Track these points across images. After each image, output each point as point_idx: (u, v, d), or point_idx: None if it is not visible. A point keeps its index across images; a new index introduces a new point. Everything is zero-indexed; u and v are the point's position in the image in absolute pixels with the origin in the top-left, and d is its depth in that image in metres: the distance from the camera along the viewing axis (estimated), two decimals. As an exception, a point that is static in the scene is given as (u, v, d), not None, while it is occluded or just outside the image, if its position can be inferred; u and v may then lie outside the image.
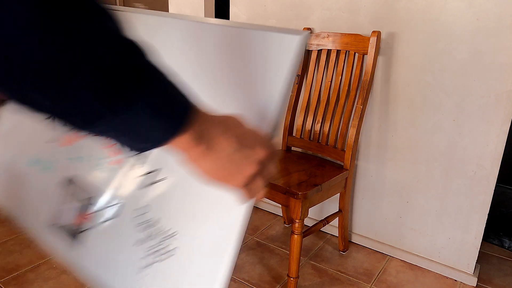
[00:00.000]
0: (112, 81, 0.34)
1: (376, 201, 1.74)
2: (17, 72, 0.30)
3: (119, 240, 0.64)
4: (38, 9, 0.29)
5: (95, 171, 0.70)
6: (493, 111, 1.38)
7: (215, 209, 0.56)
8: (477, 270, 1.61)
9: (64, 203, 0.73)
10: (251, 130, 0.46)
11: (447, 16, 1.40)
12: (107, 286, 0.64)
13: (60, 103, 0.34)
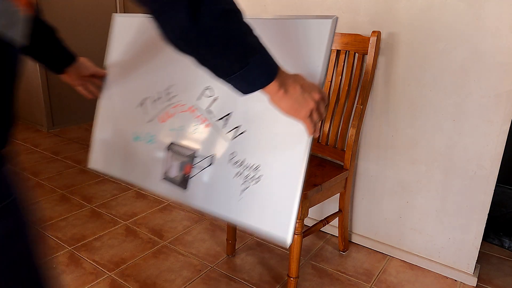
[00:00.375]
0: (245, 51, 0.61)
1: (376, 201, 1.74)
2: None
3: (220, 178, 0.89)
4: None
5: (191, 135, 0.97)
6: (493, 111, 1.38)
7: (284, 147, 0.83)
8: (477, 270, 1.61)
9: (171, 161, 1.00)
10: (309, 82, 0.73)
11: (447, 16, 1.40)
12: (216, 213, 0.89)
13: (215, 62, 0.61)
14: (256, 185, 0.85)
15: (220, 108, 0.94)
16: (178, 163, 0.99)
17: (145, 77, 1.11)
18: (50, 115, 3.43)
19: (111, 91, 1.18)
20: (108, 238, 1.81)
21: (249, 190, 0.85)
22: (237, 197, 0.87)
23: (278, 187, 0.83)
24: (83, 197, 2.21)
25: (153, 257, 1.68)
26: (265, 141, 0.86)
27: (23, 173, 0.66)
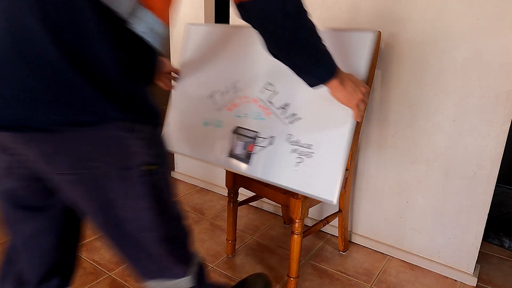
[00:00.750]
0: (318, 55, 0.85)
1: (376, 201, 1.74)
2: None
3: (278, 154, 1.11)
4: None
5: (254, 120, 1.19)
6: (493, 111, 1.38)
7: (332, 129, 1.05)
8: (477, 270, 1.61)
9: (236, 141, 1.22)
10: (357, 78, 0.99)
11: (447, 16, 1.40)
12: (274, 182, 1.10)
13: (296, 62, 0.85)
14: (309, 159, 1.05)
15: (279, 99, 1.16)
16: (243, 143, 1.21)
17: (214, 74, 1.34)
18: (50, 115, 3.43)
19: (184, 86, 1.41)
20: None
21: (303, 164, 1.06)
22: (293, 169, 1.08)
23: (327, 161, 1.04)
24: (83, 197, 2.21)
25: (153, 257, 1.68)
26: (317, 124, 1.08)
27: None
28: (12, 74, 0.57)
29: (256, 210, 2.10)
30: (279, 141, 1.13)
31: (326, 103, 1.06)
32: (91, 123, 0.62)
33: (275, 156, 1.13)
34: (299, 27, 0.80)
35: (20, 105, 0.58)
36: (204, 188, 2.37)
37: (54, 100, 0.58)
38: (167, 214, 0.79)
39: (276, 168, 1.12)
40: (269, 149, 1.14)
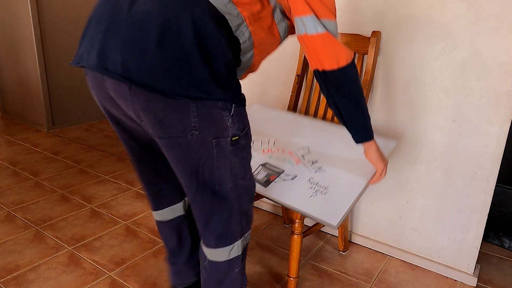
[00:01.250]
0: (368, 117, 1.11)
1: (376, 201, 1.74)
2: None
3: (297, 187, 1.26)
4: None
5: (283, 163, 1.38)
6: (493, 111, 1.38)
7: (348, 180, 1.26)
8: (477, 270, 1.61)
9: (261, 170, 1.37)
10: (382, 153, 1.18)
11: (447, 16, 1.40)
12: (289, 206, 1.22)
13: (354, 117, 1.08)
14: (323, 196, 1.21)
15: (310, 157, 1.37)
16: (266, 172, 1.36)
17: (260, 131, 1.57)
18: (50, 115, 3.43)
19: None
20: (108, 238, 1.81)
21: (317, 197, 1.21)
22: (307, 198, 1.21)
23: (338, 199, 1.21)
24: (83, 197, 2.21)
25: (153, 257, 1.68)
26: (336, 176, 1.28)
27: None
28: (159, 53, 0.81)
29: (256, 210, 2.10)
30: (300, 179, 1.29)
31: (349, 165, 1.30)
32: (201, 99, 0.85)
33: (293, 187, 1.27)
34: (361, 92, 1.05)
35: (157, 74, 0.82)
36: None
37: (181, 77, 0.82)
38: (243, 178, 1.01)
39: (290, 195, 1.25)
40: (289, 182, 1.30)
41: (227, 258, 1.06)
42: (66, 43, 3.40)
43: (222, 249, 1.04)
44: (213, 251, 1.05)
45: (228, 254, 1.06)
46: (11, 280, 1.51)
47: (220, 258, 1.06)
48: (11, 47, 3.48)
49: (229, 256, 1.06)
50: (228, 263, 1.07)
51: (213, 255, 1.06)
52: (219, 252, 1.05)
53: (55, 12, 3.28)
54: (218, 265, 1.07)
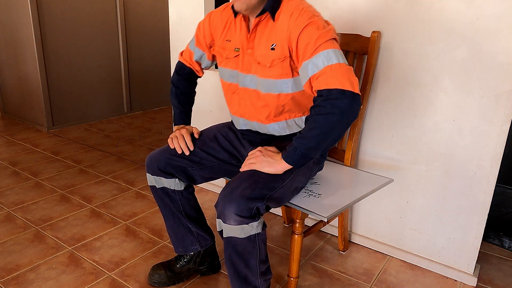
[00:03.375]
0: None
1: (376, 201, 1.74)
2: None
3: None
4: None
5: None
6: (493, 111, 1.38)
7: (341, 191, 1.36)
8: (477, 270, 1.61)
9: None
10: (278, 171, 1.22)
11: (447, 16, 1.40)
12: (289, 204, 1.27)
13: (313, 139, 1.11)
14: (316, 198, 1.29)
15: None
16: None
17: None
18: (50, 115, 3.43)
19: None
20: (108, 238, 1.81)
21: (310, 198, 1.29)
22: (300, 198, 1.29)
23: (331, 200, 1.28)
24: (83, 197, 2.21)
25: (153, 257, 1.68)
26: (330, 189, 1.37)
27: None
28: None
29: (256, 210, 2.10)
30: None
31: (343, 185, 1.41)
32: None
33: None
34: (338, 131, 1.10)
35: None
36: (204, 188, 2.37)
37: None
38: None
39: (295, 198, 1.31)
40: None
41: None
42: (66, 43, 3.40)
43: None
44: None
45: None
46: (11, 280, 1.51)
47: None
48: (11, 47, 3.48)
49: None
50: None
51: None
52: None
53: (55, 12, 3.28)
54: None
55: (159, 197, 1.41)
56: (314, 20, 1.12)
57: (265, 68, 1.21)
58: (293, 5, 1.16)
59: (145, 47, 4.08)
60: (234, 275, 1.20)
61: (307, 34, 1.11)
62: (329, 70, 1.07)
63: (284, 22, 1.16)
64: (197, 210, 1.48)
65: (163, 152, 1.37)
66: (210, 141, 1.42)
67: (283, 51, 1.17)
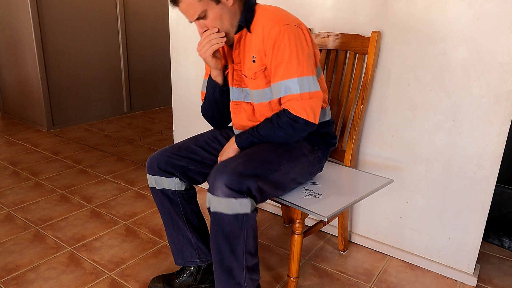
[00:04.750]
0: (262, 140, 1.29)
1: (376, 201, 1.74)
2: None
3: (295, 189, 1.34)
4: None
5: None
6: (493, 111, 1.38)
7: (342, 191, 1.37)
8: (477, 270, 1.61)
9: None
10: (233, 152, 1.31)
11: (447, 16, 1.40)
12: (281, 201, 1.28)
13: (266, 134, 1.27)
14: (316, 198, 1.29)
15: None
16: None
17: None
18: (50, 115, 3.43)
19: None
20: (108, 238, 1.81)
21: (310, 198, 1.29)
22: (300, 198, 1.29)
23: (331, 200, 1.28)
24: (83, 197, 2.21)
25: (153, 257, 1.68)
26: (330, 189, 1.37)
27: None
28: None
29: (256, 210, 2.10)
30: (300, 189, 1.36)
31: (343, 186, 1.42)
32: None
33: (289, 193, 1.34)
34: (283, 137, 1.25)
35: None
36: (204, 188, 2.37)
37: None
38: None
39: (294, 196, 1.31)
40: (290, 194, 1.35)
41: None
42: (66, 43, 3.40)
43: None
44: None
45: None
46: (11, 280, 1.51)
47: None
48: (11, 47, 3.48)
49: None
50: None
51: None
52: None
53: (55, 12, 3.28)
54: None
55: (159, 201, 1.39)
56: (285, 33, 1.16)
57: (251, 80, 1.26)
58: (265, 16, 1.20)
59: (145, 47, 4.08)
60: (219, 264, 1.16)
61: (280, 50, 1.17)
62: (299, 98, 1.18)
63: (258, 33, 1.21)
64: (199, 218, 1.45)
65: (163, 151, 1.37)
66: (211, 141, 1.42)
67: (261, 61, 1.23)
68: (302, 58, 1.17)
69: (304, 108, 1.18)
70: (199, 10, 1.16)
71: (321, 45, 1.66)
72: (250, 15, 1.22)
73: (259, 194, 1.15)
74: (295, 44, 1.17)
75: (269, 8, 1.23)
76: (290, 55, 1.16)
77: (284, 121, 1.20)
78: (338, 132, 1.64)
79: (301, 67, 1.17)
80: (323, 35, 1.65)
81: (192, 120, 2.33)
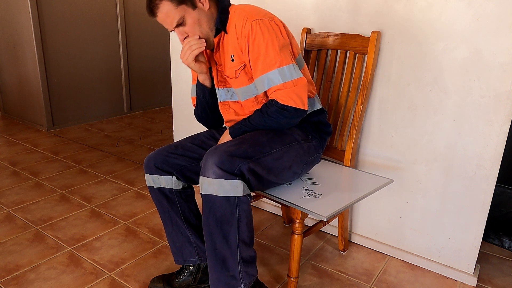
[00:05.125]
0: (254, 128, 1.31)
1: (376, 201, 1.74)
2: None
3: (292, 189, 1.33)
4: None
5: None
6: (493, 111, 1.38)
7: (335, 191, 1.36)
8: (477, 270, 1.61)
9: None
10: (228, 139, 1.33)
11: (447, 16, 1.40)
12: (281, 200, 1.28)
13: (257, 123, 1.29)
14: (315, 198, 1.29)
15: (307, 175, 1.47)
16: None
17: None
18: (50, 115, 3.43)
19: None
20: (108, 238, 1.81)
21: (309, 198, 1.29)
22: (299, 198, 1.29)
23: (331, 200, 1.28)
24: (83, 197, 2.21)
25: (153, 257, 1.68)
26: (330, 189, 1.37)
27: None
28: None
29: (256, 210, 2.10)
30: (294, 187, 1.36)
31: (342, 185, 1.42)
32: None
33: (287, 190, 1.34)
34: (274, 125, 1.26)
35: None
36: (204, 188, 2.37)
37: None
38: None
39: (284, 194, 1.31)
40: (284, 187, 1.36)
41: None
42: (66, 43, 3.40)
43: None
44: None
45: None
46: (11, 280, 1.51)
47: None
48: (11, 47, 3.48)
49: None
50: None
51: None
52: None
53: (55, 12, 3.28)
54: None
55: (157, 200, 1.39)
56: (257, 27, 1.18)
57: (234, 79, 1.28)
58: (237, 15, 1.23)
59: (145, 47, 4.08)
60: (212, 253, 1.15)
61: (256, 45, 1.19)
62: (283, 87, 1.18)
63: (232, 32, 1.23)
64: (197, 217, 1.45)
65: (160, 150, 1.37)
66: (208, 139, 1.43)
67: (239, 58, 1.25)
68: (278, 48, 1.19)
69: (290, 97, 1.19)
70: (177, 17, 1.18)
71: (321, 45, 1.66)
72: (224, 17, 1.24)
73: (252, 176, 1.15)
74: (270, 36, 1.18)
75: (240, 7, 1.25)
76: (266, 47, 1.18)
77: (273, 110, 1.21)
78: (338, 132, 1.64)
79: (279, 57, 1.18)
80: (323, 35, 1.65)
81: (192, 120, 2.33)
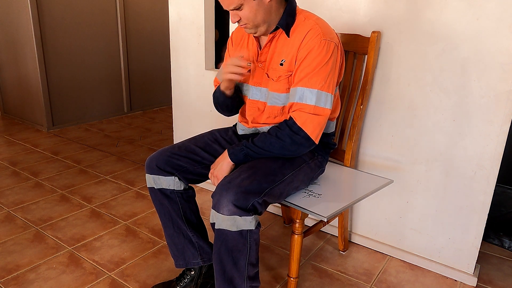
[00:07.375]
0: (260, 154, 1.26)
1: (376, 201, 1.74)
2: None
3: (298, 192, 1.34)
4: None
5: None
6: (493, 111, 1.38)
7: (334, 194, 1.35)
8: (477, 270, 1.61)
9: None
10: (225, 169, 1.27)
11: (447, 16, 1.40)
12: (288, 204, 1.28)
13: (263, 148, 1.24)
14: (316, 198, 1.29)
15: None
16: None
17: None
18: (50, 115, 3.43)
19: None
20: (108, 238, 1.81)
21: (310, 198, 1.29)
22: (300, 198, 1.29)
23: (331, 200, 1.29)
24: (83, 197, 2.21)
25: (153, 257, 1.68)
26: (330, 189, 1.38)
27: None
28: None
29: (256, 210, 2.10)
30: (301, 192, 1.34)
31: (343, 186, 1.43)
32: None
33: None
34: (279, 151, 1.22)
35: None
36: (204, 188, 2.37)
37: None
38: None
39: (295, 197, 1.30)
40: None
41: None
42: (66, 43, 3.40)
43: None
44: None
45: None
46: (11, 280, 1.51)
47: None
48: (11, 47, 3.48)
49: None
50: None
51: None
52: None
53: (55, 12, 3.28)
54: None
55: (158, 201, 1.38)
56: (325, 47, 1.17)
57: (272, 82, 1.26)
58: (308, 25, 1.20)
59: (145, 47, 4.08)
60: (220, 274, 1.16)
61: (314, 60, 1.17)
62: (309, 110, 1.17)
63: (297, 38, 1.21)
64: (198, 218, 1.45)
65: (163, 151, 1.37)
66: (212, 142, 1.42)
67: (290, 66, 1.22)
68: (330, 75, 1.19)
69: (311, 122, 1.17)
70: (236, 2, 1.17)
71: (321, 45, 1.66)
72: (291, 20, 1.23)
73: (264, 207, 1.16)
74: (330, 60, 1.18)
75: (312, 18, 1.23)
76: (320, 68, 1.17)
77: (284, 133, 1.19)
78: (338, 132, 1.64)
79: (326, 83, 1.18)
80: (323, 35, 1.65)
81: (192, 120, 2.33)
